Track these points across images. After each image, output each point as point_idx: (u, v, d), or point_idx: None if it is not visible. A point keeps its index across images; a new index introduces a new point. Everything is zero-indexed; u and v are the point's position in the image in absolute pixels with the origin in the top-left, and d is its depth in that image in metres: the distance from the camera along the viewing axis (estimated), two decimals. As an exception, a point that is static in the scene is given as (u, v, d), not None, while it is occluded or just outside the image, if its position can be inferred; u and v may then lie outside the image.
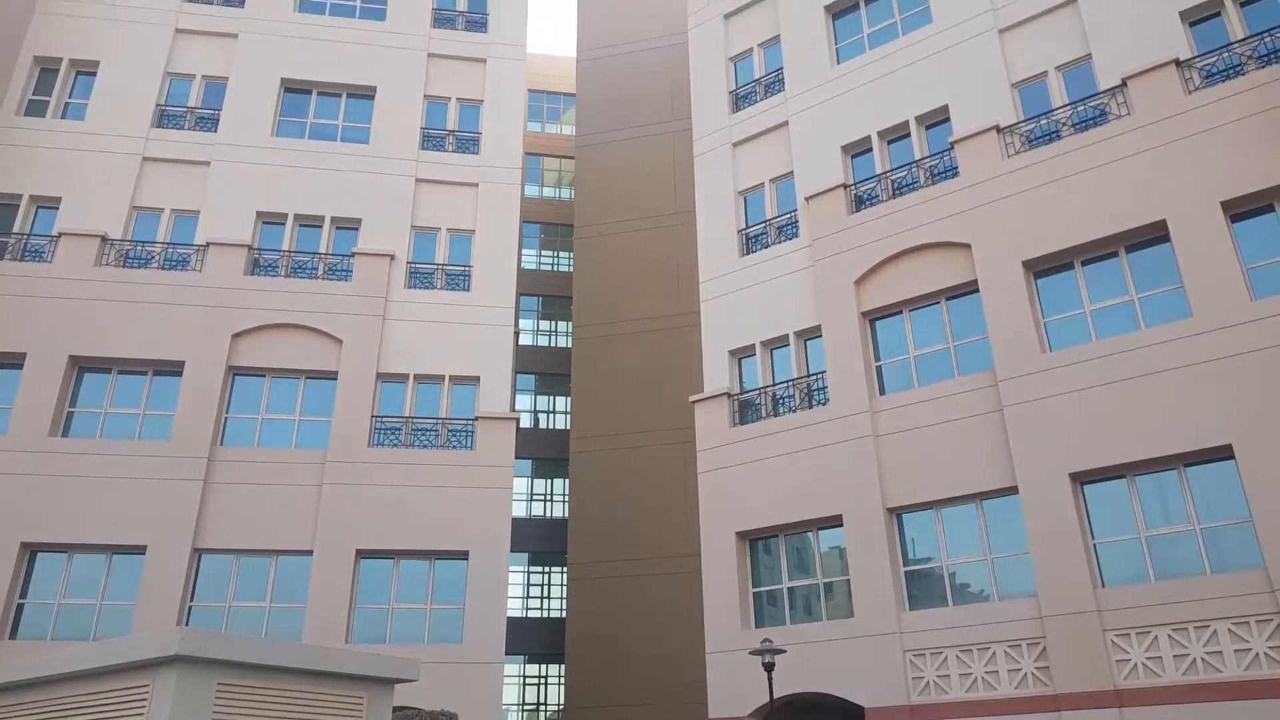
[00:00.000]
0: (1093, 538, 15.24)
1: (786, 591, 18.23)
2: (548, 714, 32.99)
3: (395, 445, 20.03)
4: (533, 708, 32.99)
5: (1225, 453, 14.40)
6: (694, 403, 20.42)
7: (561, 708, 31.31)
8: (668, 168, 32.10)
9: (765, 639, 15.30)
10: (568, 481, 31.38)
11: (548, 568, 34.04)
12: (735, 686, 17.31)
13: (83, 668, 8.35)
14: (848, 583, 17.28)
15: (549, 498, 34.79)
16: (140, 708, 7.81)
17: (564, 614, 31.60)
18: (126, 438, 19.41)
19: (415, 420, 20.35)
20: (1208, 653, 13.68)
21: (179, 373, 19.91)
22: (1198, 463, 14.77)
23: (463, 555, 19.24)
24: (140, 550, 18.41)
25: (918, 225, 18.44)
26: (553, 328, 37.54)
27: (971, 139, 18.36)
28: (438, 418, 20.48)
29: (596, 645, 27.23)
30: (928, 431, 17.12)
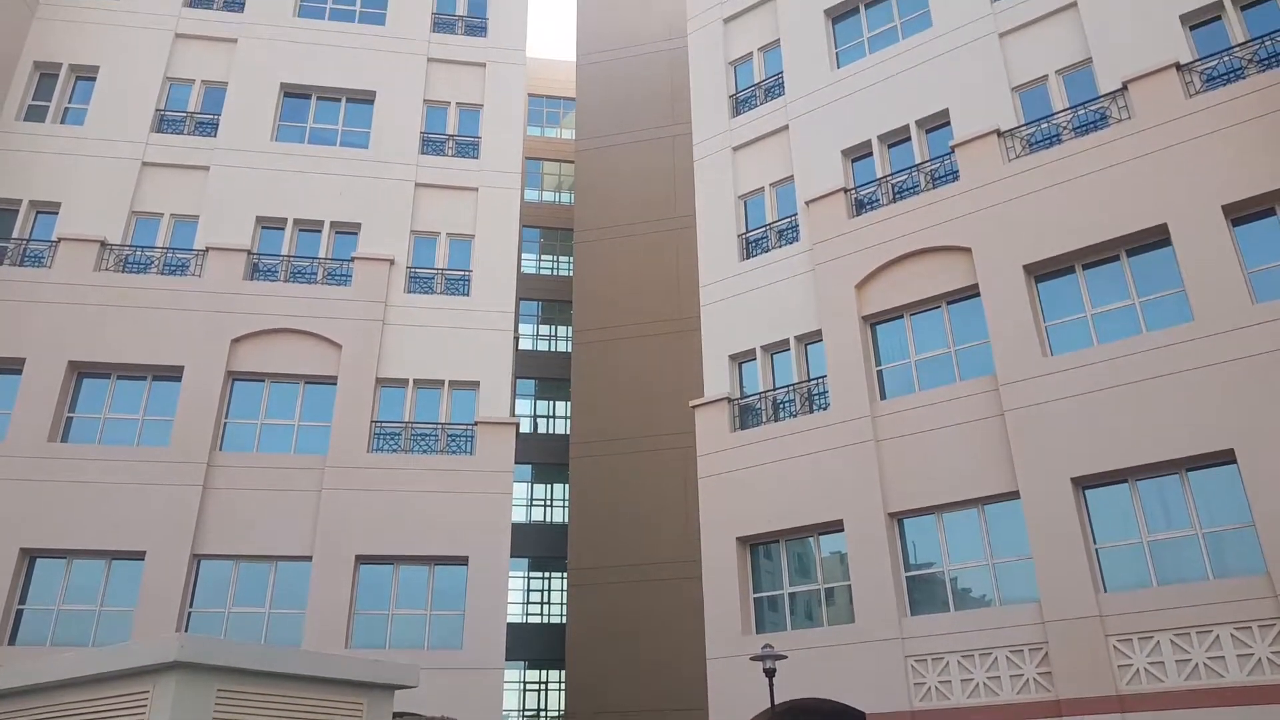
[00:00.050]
0: (1094, 542, 15.21)
1: (787, 597, 18.18)
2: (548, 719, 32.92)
3: (395, 450, 19.99)
4: (533, 713, 32.90)
5: (1227, 457, 14.37)
6: (694, 407, 20.39)
7: (562, 713, 31.24)
8: (667, 172, 32.10)
9: (766, 644, 15.26)
10: (568, 486, 31.33)
11: (548, 573, 33.99)
12: (736, 692, 17.26)
13: (83, 674, 8.33)
14: (849, 588, 17.24)
15: (549, 503, 34.74)
16: (140, 714, 7.78)
17: (564, 619, 31.53)
18: (126, 443, 19.36)
19: (415, 425, 20.32)
20: (1210, 658, 13.64)
21: (178, 378, 19.86)
22: (1199, 467, 14.74)
23: (463, 560, 19.20)
24: (139, 556, 18.35)
25: (918, 229, 18.43)
26: (553, 332, 37.53)
27: (972, 143, 18.35)
28: (437, 423, 20.44)
29: (597, 651, 27.16)
30: (929, 436, 17.09)
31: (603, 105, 34.06)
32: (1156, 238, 16.03)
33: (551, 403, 36.23)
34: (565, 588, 30.78)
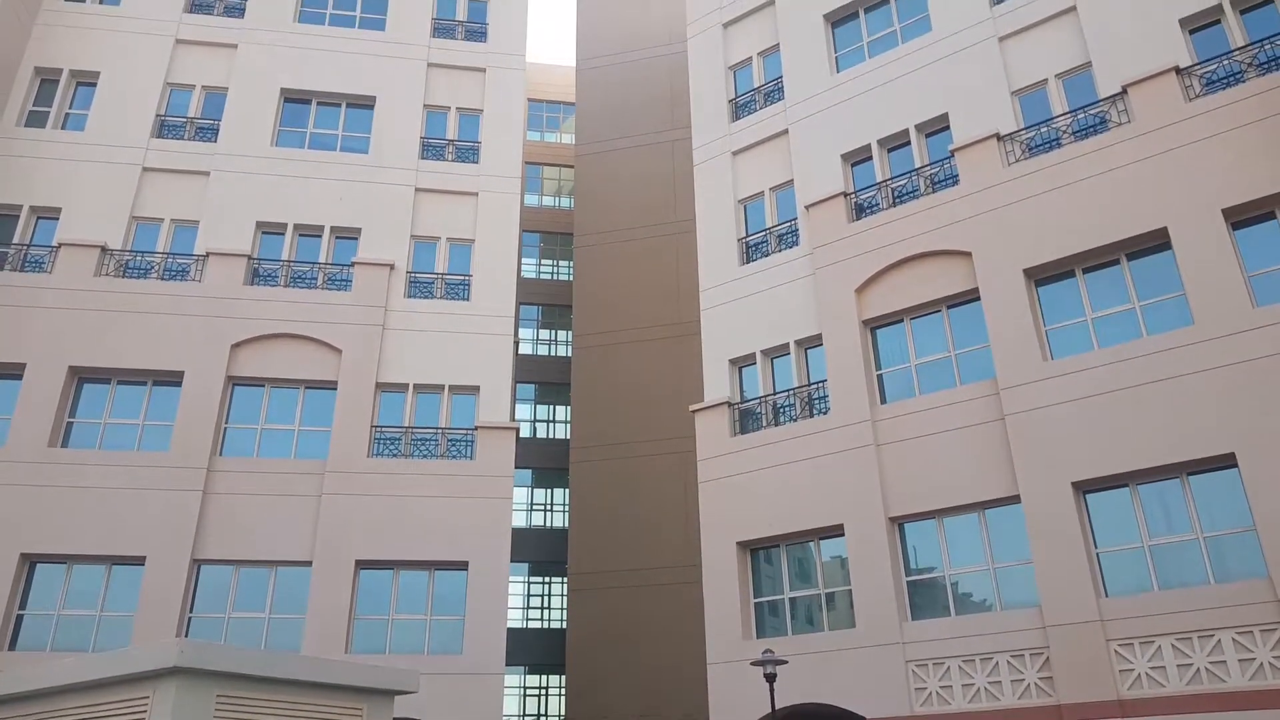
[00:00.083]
0: (1095, 547, 15.19)
1: (788, 602, 18.16)
2: (548, 725, 32.86)
3: (395, 455, 19.98)
4: (533, 719, 32.84)
5: (1228, 461, 14.36)
6: (694, 412, 20.38)
7: (562, 719, 31.17)
8: (667, 176, 32.12)
9: (767, 649, 15.23)
10: (568, 491, 31.31)
11: (548, 578, 33.94)
12: (737, 697, 17.22)
13: (82, 679, 8.31)
14: (849, 593, 17.21)
15: (549, 508, 34.71)
16: (140, 719, 7.77)
17: (564, 624, 31.49)
18: (126, 448, 19.34)
19: (415, 430, 20.31)
20: (1211, 662, 13.61)
21: (178, 383, 19.86)
22: (1200, 471, 14.73)
23: (462, 565, 19.18)
24: (139, 561, 18.34)
25: (918, 233, 18.43)
26: (553, 337, 37.53)
27: (972, 147, 18.36)
28: (437, 427, 20.44)
29: (597, 656, 27.12)
30: (929, 440, 17.08)
31: (602, 110, 34.09)
32: (1156, 241, 16.03)
33: (551, 407, 36.21)
34: (565, 593, 30.74)
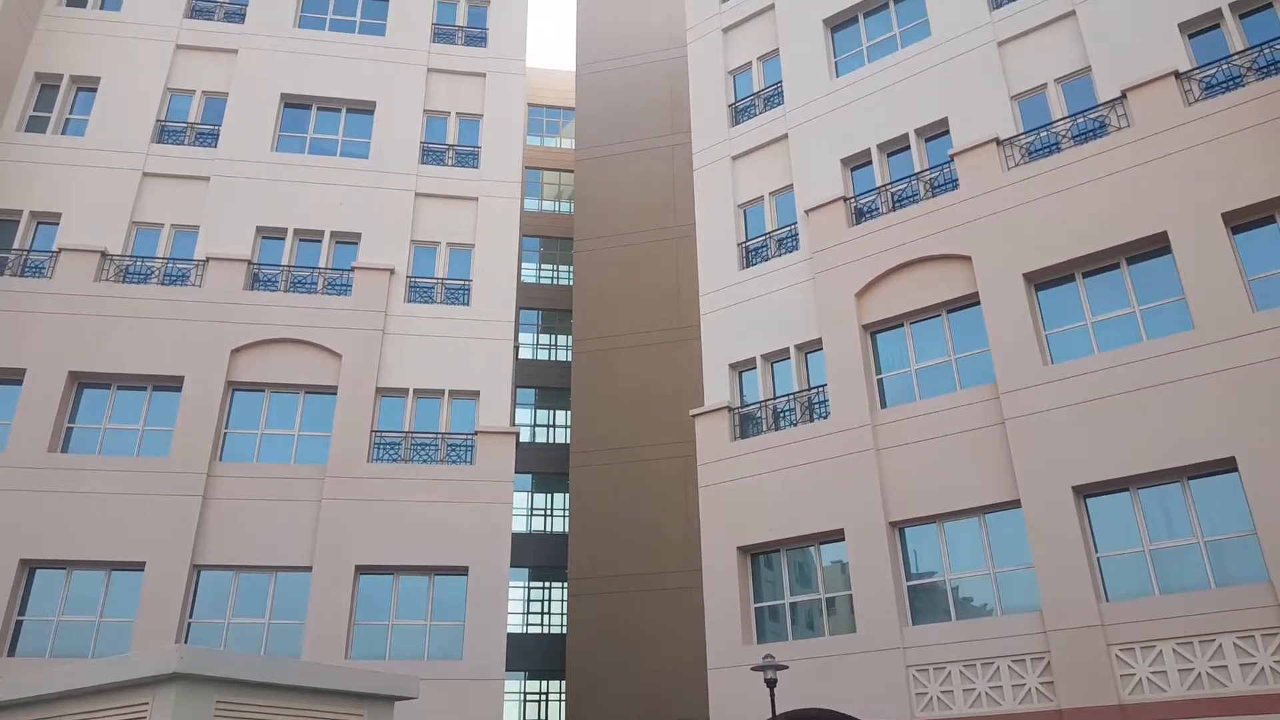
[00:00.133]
0: (1096, 551, 15.17)
1: (788, 606, 18.14)
2: (548, 730, 32.80)
3: (395, 460, 19.97)
4: (533, 724, 32.80)
5: (1228, 465, 14.35)
6: (694, 416, 20.37)
7: (562, 724, 31.13)
8: (667, 181, 32.15)
9: (767, 654, 15.21)
10: (568, 496, 31.29)
11: (548, 583, 33.91)
12: (737, 702, 17.19)
13: (82, 685, 8.30)
14: (850, 597, 17.19)
15: (549, 512, 34.69)
16: (138, 727, 7.76)
17: (564, 629, 31.45)
18: (126, 453, 19.34)
19: (415, 435, 20.30)
20: (1213, 667, 13.59)
21: (178, 388, 19.86)
22: (1201, 475, 14.72)
23: (462, 571, 19.15)
24: (139, 566, 18.32)
25: (918, 238, 18.44)
26: (553, 341, 37.53)
27: (971, 151, 18.38)
28: (437, 432, 20.43)
29: (597, 661, 27.09)
30: (929, 445, 17.07)
31: (602, 114, 34.13)
32: (1156, 245, 16.04)
33: (551, 412, 36.21)
34: (565, 597, 30.70)
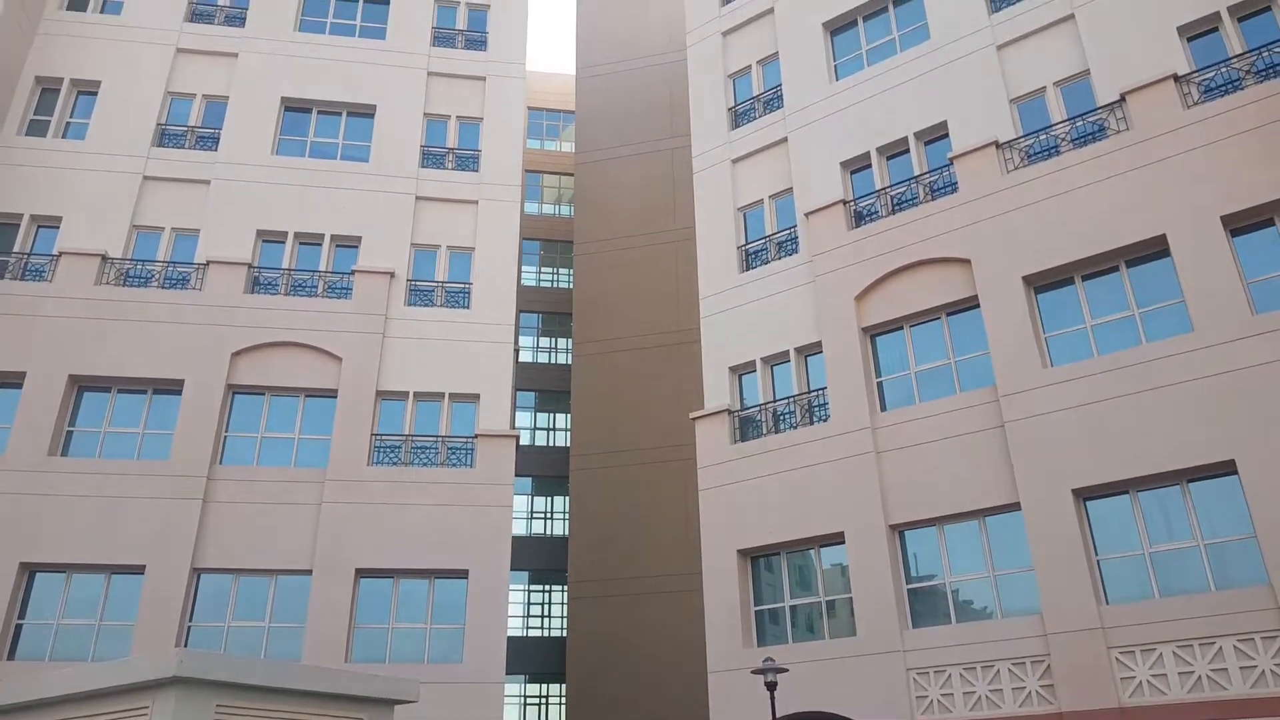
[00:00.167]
0: (1096, 554, 15.17)
1: (788, 609, 18.13)
2: (549, 733, 32.76)
3: (395, 463, 19.97)
4: (533, 727, 32.77)
5: (1228, 468, 14.36)
6: (694, 419, 20.38)
7: (562, 727, 31.09)
8: (667, 184, 32.17)
9: (767, 658, 15.22)
10: (568, 499, 31.29)
11: (548, 586, 33.89)
12: (737, 705, 17.19)
13: (82, 689, 8.30)
14: (850, 600, 17.19)
15: (549, 515, 34.68)
16: (138, 730, 7.76)
17: (565, 632, 31.44)
18: (126, 457, 19.35)
19: (415, 438, 20.30)
20: (1213, 670, 13.59)
21: (178, 391, 19.87)
22: (1200, 478, 14.72)
23: (462, 574, 19.15)
24: (139, 570, 18.32)
25: (917, 241, 18.45)
26: (553, 344, 37.54)
27: (970, 154, 18.40)
28: (437, 435, 20.43)
29: (597, 664, 27.07)
30: (929, 448, 17.07)
31: (602, 118, 34.16)
32: (1155, 248, 16.05)
33: (551, 415, 36.21)
34: (566, 601, 30.69)
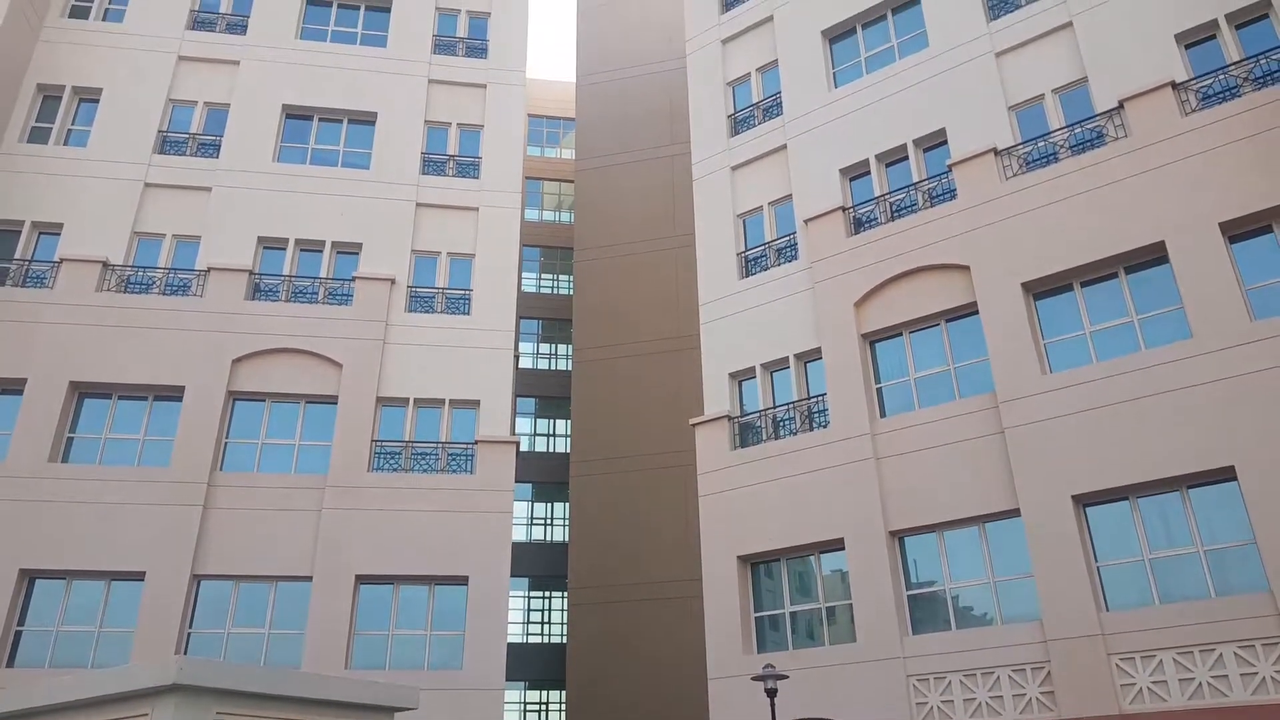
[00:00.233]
0: (1096, 560, 15.17)
1: (789, 616, 18.12)
2: (549, 740, 32.72)
3: (395, 470, 19.98)
4: (534, 734, 32.72)
5: (1228, 474, 14.36)
6: (694, 425, 20.39)
7: (562, 734, 31.05)
8: (667, 191, 32.23)
9: (768, 664, 15.20)
10: (568, 505, 31.28)
11: (548, 592, 33.87)
12: (738, 712, 17.17)
13: (81, 697, 8.31)
14: (850, 607, 17.18)
15: (549, 522, 34.67)
16: (138, 737, 7.77)
17: (565, 639, 31.40)
18: (126, 463, 19.35)
19: (415, 444, 20.32)
20: (1213, 676, 13.58)
21: (179, 398, 19.89)
22: (1200, 484, 14.73)
23: (463, 580, 19.15)
24: (139, 576, 18.31)
25: (916, 247, 18.49)
26: (553, 351, 37.57)
27: (969, 161, 18.44)
28: (438, 442, 20.44)
29: (597, 670, 27.04)
30: (929, 454, 17.08)
31: (602, 125, 34.24)
32: (1154, 255, 16.08)
33: (552, 421, 36.22)
34: (566, 607, 30.67)
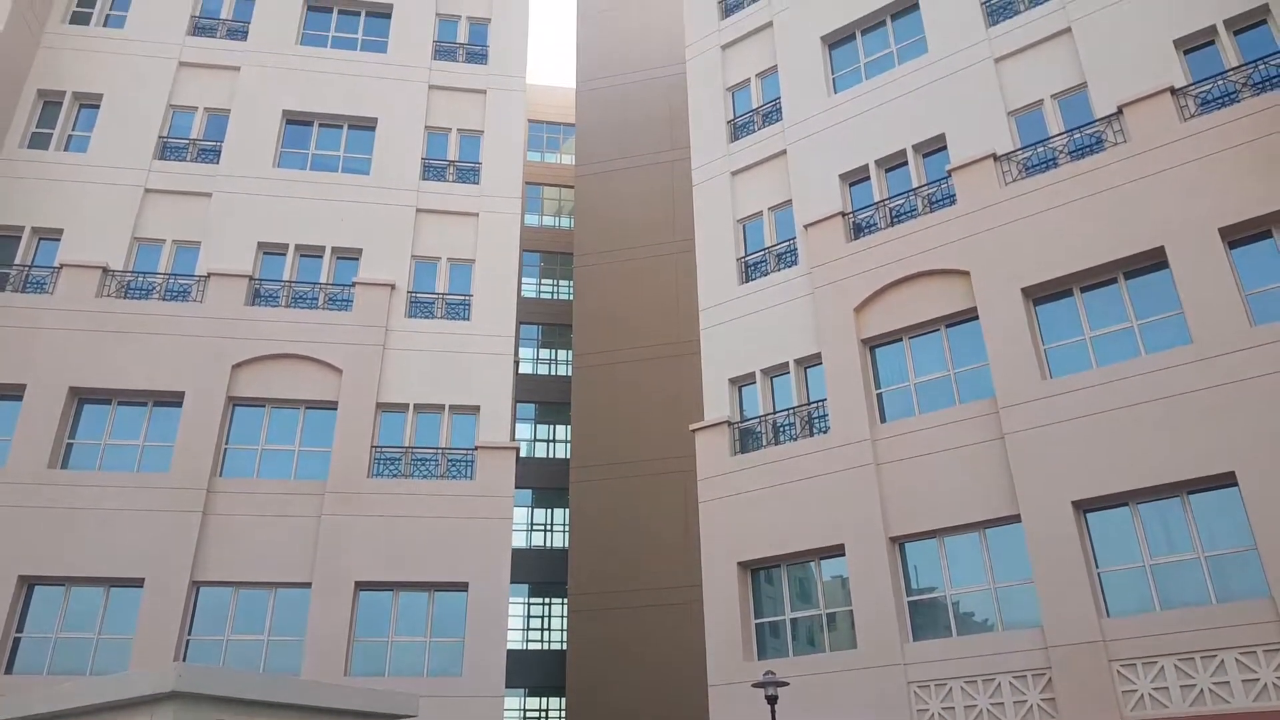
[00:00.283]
0: (1097, 566, 15.14)
1: (789, 622, 18.08)
2: (549, 747, 32.64)
3: (395, 476, 19.96)
4: (534, 740, 32.64)
5: (1228, 480, 14.34)
6: (694, 431, 20.37)
7: (563, 740, 30.97)
8: (667, 196, 32.25)
9: (768, 671, 15.16)
10: (568, 511, 31.24)
11: (548, 599, 33.81)
12: (738, 719, 17.12)
13: (80, 704, 8.29)
14: (850, 613, 17.14)
15: (549, 528, 34.63)
16: (136, 745, 7.74)
17: (565, 645, 31.34)
18: (126, 469, 19.33)
19: (415, 450, 20.30)
20: (1215, 683, 13.54)
21: (179, 404, 19.88)
22: (1200, 490, 14.71)
23: (462, 587, 19.11)
24: (138, 583, 18.29)
25: (916, 253, 18.48)
26: (553, 356, 37.56)
27: (969, 167, 18.45)
28: (437, 448, 20.42)
29: (597, 677, 26.98)
30: (929, 459, 17.06)
31: (602, 130, 34.27)
32: (1154, 260, 16.08)
33: (552, 427, 36.20)
34: (566, 613, 30.61)
